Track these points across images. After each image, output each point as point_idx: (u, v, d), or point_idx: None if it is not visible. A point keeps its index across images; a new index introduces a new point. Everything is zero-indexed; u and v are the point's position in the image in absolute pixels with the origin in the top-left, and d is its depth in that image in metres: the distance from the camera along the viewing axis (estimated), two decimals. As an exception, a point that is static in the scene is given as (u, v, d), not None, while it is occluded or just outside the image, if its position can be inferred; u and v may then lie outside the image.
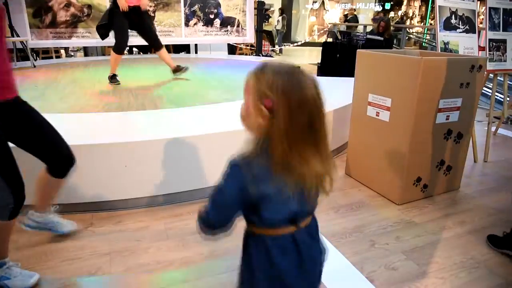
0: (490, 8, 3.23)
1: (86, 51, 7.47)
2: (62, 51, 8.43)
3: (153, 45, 4.31)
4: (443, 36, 3.09)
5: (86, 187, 2.18)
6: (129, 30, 4.02)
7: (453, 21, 3.15)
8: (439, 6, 3.09)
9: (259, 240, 0.96)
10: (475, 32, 3.30)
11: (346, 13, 14.99)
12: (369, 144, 2.65)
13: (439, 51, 3.05)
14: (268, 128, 0.85)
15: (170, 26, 6.58)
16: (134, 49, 8.40)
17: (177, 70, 4.29)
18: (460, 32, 3.21)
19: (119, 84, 3.97)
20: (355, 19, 13.29)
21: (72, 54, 9.03)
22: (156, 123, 2.61)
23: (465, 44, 3.22)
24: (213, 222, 0.95)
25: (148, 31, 4.20)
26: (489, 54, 3.26)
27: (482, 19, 4.08)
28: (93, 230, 2.07)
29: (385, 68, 2.48)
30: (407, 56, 2.47)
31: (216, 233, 0.96)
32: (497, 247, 2.00)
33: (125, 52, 7.94)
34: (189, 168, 2.35)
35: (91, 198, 2.21)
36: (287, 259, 0.94)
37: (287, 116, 0.83)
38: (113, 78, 3.99)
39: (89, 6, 5.98)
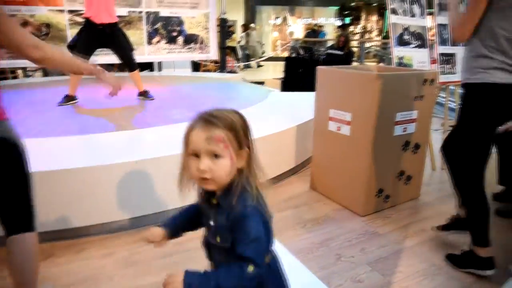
0: (439, 24, 3.43)
1: (46, 71, 7.24)
2: (20, 71, 8.13)
3: (126, 65, 4.15)
4: (397, 51, 3.24)
5: (45, 215, 2.09)
6: (93, 49, 3.94)
7: (406, 37, 3.31)
8: (392, 23, 3.25)
9: (272, 267, 1.05)
10: (426, 47, 3.48)
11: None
12: (332, 158, 2.71)
13: (395, 65, 3.19)
14: (245, 165, 0.97)
15: (133, 44, 6.51)
16: (97, 67, 8.22)
17: (143, 94, 4.19)
18: (413, 47, 3.37)
19: (76, 102, 3.88)
20: (313, 33, 13.63)
21: (30, 74, 8.72)
22: (118, 145, 2.56)
23: (418, 58, 3.39)
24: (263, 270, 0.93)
25: (121, 51, 4.03)
26: (440, 67, 3.45)
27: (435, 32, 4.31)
28: (53, 261, 1.98)
29: (344, 84, 2.56)
30: (364, 72, 2.57)
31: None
32: (459, 267, 1.96)
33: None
34: (154, 190, 2.32)
35: (50, 227, 2.12)
36: (282, 268, 1.08)
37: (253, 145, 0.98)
38: (68, 99, 3.87)
39: (48, 25, 5.82)
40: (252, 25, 15.54)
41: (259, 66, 13.74)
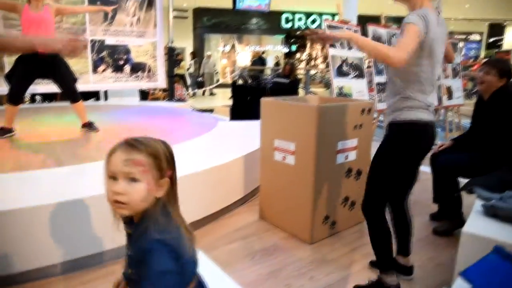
0: (374, 56, 3.68)
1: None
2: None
3: (68, 96, 3.95)
4: (337, 82, 3.42)
5: (-26, 264, 1.94)
6: (32, 79, 3.76)
7: (344, 68, 3.51)
8: (331, 55, 3.44)
9: None
10: (363, 77, 3.71)
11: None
12: (279, 188, 2.76)
13: (335, 95, 3.36)
14: (164, 195, 0.97)
15: (77, 72, 6.33)
16: (37, 97, 7.86)
17: (87, 126, 4.03)
18: (352, 78, 3.58)
19: (13, 135, 3.68)
20: (259, 61, 13.99)
21: (-38, 104, 8.14)
22: (59, 183, 2.44)
23: (356, 88, 3.59)
24: None
25: (63, 81, 3.86)
26: (377, 95, 3.68)
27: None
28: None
29: (287, 115, 2.65)
30: (306, 104, 2.68)
31: None
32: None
33: (27, 100, 7.43)
34: (97, 230, 2.22)
35: (-19, 275, 1.96)
36: None
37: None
38: (4, 131, 3.66)
39: (-17, 53, 5.52)
40: (208, 53, 15.74)
41: (211, 94, 13.84)
